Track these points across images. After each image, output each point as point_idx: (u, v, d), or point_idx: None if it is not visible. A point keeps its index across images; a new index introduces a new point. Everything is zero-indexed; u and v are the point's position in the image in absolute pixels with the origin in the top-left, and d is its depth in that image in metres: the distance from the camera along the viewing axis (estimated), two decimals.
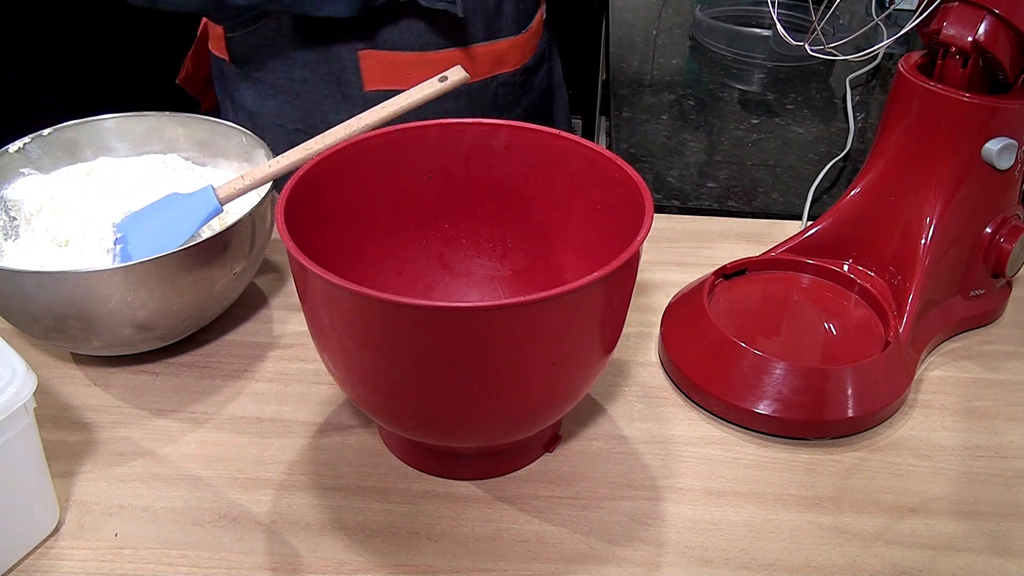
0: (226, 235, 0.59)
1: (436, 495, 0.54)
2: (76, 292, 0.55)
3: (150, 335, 0.60)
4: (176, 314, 0.59)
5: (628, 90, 1.12)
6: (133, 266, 0.55)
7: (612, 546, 0.51)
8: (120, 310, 0.56)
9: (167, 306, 0.58)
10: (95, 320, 0.56)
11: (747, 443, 0.58)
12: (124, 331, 0.58)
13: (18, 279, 0.55)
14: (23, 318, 0.58)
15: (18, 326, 0.59)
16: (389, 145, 0.57)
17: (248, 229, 0.61)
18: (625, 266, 0.45)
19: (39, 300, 0.55)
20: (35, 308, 0.56)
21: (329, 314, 0.46)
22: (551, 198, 0.59)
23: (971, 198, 0.62)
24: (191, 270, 0.58)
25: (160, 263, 0.56)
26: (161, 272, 0.56)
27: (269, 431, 0.58)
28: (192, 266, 0.57)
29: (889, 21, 1.21)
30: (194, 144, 0.72)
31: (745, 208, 0.87)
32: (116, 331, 0.58)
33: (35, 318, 0.57)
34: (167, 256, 0.56)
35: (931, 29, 0.59)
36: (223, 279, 0.61)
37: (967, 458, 0.57)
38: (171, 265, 0.56)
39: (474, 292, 0.63)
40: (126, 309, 0.56)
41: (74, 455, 0.56)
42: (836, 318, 0.64)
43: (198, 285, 0.59)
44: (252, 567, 0.49)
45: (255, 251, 0.63)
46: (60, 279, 0.54)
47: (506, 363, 0.45)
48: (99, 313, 0.56)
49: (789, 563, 0.50)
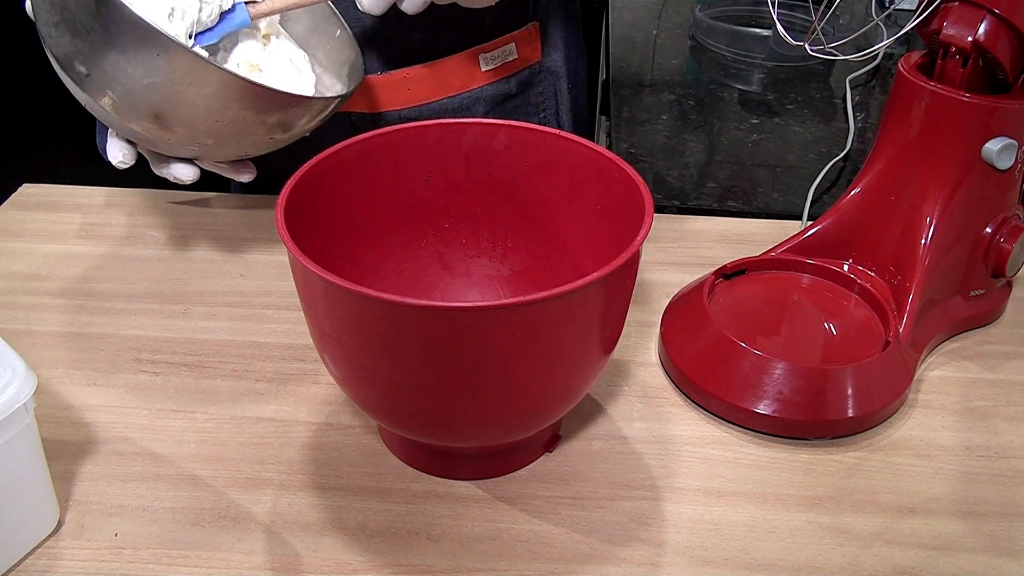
0: (295, 100, 0.61)
1: (436, 495, 0.54)
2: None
3: (160, 134, 0.61)
4: (200, 129, 0.61)
5: (628, 90, 1.12)
6: (207, 64, 0.57)
7: (612, 546, 0.51)
8: (167, 89, 0.58)
9: (201, 117, 0.59)
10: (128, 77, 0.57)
11: (747, 443, 0.58)
12: (142, 114, 0.59)
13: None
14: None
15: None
16: (389, 145, 0.57)
17: (314, 109, 0.63)
18: (625, 266, 0.45)
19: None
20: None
21: (329, 314, 0.46)
22: (551, 198, 0.59)
23: (971, 198, 0.62)
24: (248, 106, 0.59)
25: (239, 83, 0.58)
26: (229, 87, 0.58)
27: (269, 431, 0.58)
28: (251, 103, 0.59)
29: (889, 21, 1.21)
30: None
31: (745, 208, 0.87)
32: (139, 108, 0.59)
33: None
34: (249, 83, 0.58)
35: (931, 29, 0.59)
36: (260, 133, 0.63)
37: (967, 458, 0.57)
38: (243, 91, 0.58)
39: (474, 292, 0.63)
40: (168, 92, 0.58)
41: (74, 455, 0.56)
42: (836, 318, 0.64)
43: (239, 123, 0.61)
44: (252, 567, 0.49)
45: (296, 130, 0.65)
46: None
47: (506, 363, 0.45)
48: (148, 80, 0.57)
49: (789, 563, 0.50)
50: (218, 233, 0.78)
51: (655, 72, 1.19)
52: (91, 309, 0.69)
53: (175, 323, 0.67)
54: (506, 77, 0.84)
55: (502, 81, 0.84)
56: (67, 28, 0.57)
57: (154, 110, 0.59)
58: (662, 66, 1.21)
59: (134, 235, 0.78)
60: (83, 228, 0.79)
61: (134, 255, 0.75)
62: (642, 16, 1.38)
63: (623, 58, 1.22)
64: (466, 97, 0.82)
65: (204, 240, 0.77)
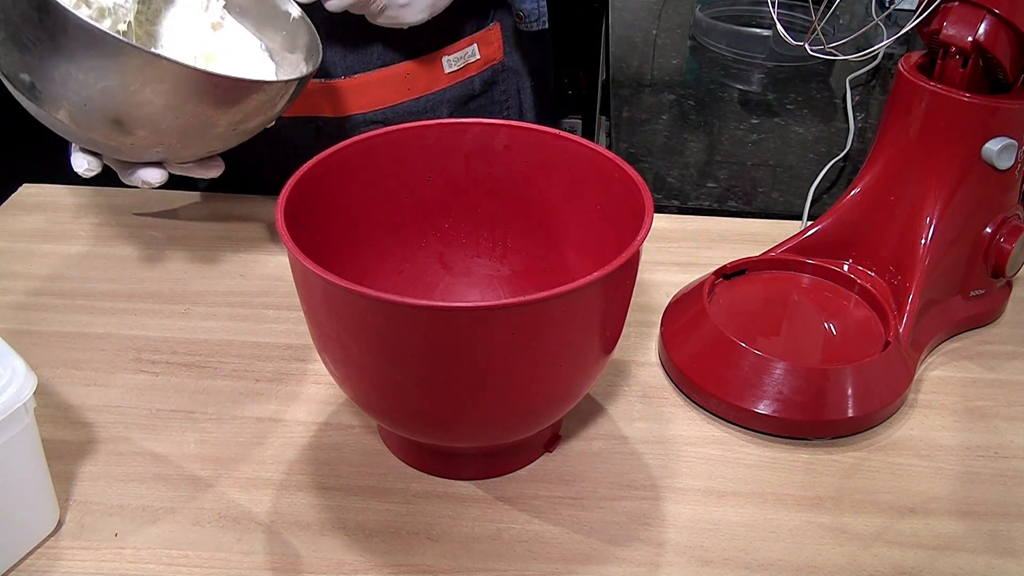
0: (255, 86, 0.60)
1: (436, 495, 0.54)
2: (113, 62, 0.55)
3: (122, 139, 0.60)
4: (162, 128, 0.59)
5: (628, 90, 1.12)
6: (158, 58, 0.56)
7: (612, 546, 0.51)
8: (121, 93, 0.56)
9: (161, 115, 0.58)
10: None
11: (747, 443, 0.58)
12: (101, 122, 0.58)
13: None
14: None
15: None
16: (389, 145, 0.57)
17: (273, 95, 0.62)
18: (625, 266, 0.45)
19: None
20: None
21: (329, 314, 0.46)
22: (551, 198, 0.59)
23: (971, 198, 0.62)
24: (207, 97, 0.58)
25: (195, 75, 0.56)
26: (186, 79, 0.57)
27: (269, 431, 0.58)
28: (210, 94, 0.58)
29: (889, 21, 1.21)
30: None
31: (745, 208, 0.87)
32: (97, 115, 0.58)
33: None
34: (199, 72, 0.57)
35: (931, 29, 0.59)
36: (222, 125, 0.61)
37: (967, 458, 0.57)
38: (199, 82, 0.57)
39: (474, 292, 0.63)
40: (126, 95, 0.56)
41: (74, 455, 0.56)
42: (836, 318, 0.64)
43: (201, 116, 0.59)
44: (252, 567, 0.49)
45: (260, 118, 0.64)
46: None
47: (506, 363, 0.45)
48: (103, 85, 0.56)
49: (789, 563, 0.50)
50: (218, 233, 0.78)
51: (655, 72, 1.19)
52: (91, 309, 0.69)
53: (175, 323, 0.67)
54: (469, 78, 0.85)
55: (465, 82, 0.85)
56: (13, 44, 0.56)
57: (113, 115, 0.58)
58: (662, 66, 1.21)
59: (134, 235, 0.78)
60: (83, 228, 0.79)
61: (134, 255, 0.75)
62: (642, 16, 1.38)
63: (623, 58, 1.22)
64: (431, 99, 0.83)
65: (204, 240, 0.77)
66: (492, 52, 0.87)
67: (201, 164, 0.67)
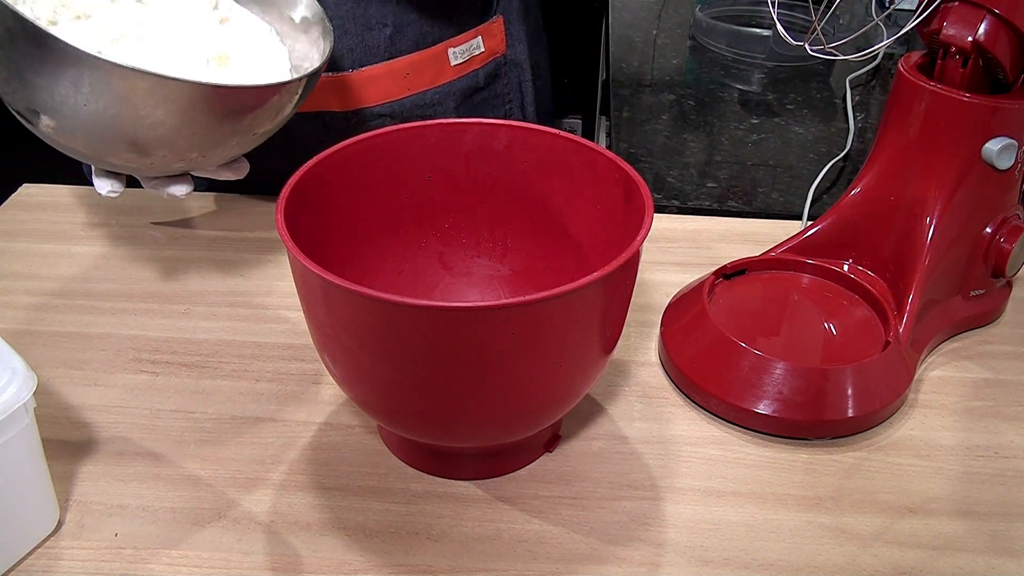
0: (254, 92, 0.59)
1: (436, 495, 0.54)
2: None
3: (142, 161, 0.59)
4: (181, 146, 0.59)
5: (628, 90, 1.12)
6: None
7: (612, 546, 0.51)
8: (137, 108, 0.55)
9: (177, 134, 0.58)
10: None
11: (747, 443, 0.58)
12: (119, 147, 0.58)
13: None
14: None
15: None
16: (389, 145, 0.57)
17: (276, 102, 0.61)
18: (625, 266, 0.45)
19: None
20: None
21: (329, 314, 0.46)
22: (551, 198, 0.59)
23: (971, 198, 0.62)
24: (224, 110, 0.58)
25: (207, 91, 0.56)
26: (199, 96, 0.56)
27: (269, 431, 0.58)
28: (226, 106, 0.58)
29: (889, 21, 1.21)
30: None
31: (745, 208, 0.87)
32: (113, 142, 0.57)
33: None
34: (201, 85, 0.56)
35: (931, 29, 0.59)
36: (243, 132, 0.61)
37: (967, 458, 0.57)
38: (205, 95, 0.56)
39: (474, 292, 0.63)
40: (144, 109, 0.56)
41: (74, 455, 0.56)
42: (836, 318, 0.64)
43: (220, 128, 0.59)
44: (252, 567, 0.49)
45: (280, 117, 0.63)
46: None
47: (506, 363, 0.45)
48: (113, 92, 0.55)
49: (789, 563, 0.50)
50: (218, 233, 0.78)
51: (655, 72, 1.19)
52: (91, 309, 0.69)
53: (175, 323, 0.67)
54: (474, 71, 0.86)
55: (470, 75, 0.86)
56: (18, 80, 0.56)
57: (129, 140, 0.57)
58: (662, 66, 1.21)
59: (134, 235, 0.78)
60: (83, 228, 0.79)
61: (134, 255, 0.75)
62: (642, 16, 1.38)
63: (623, 58, 1.22)
64: (438, 92, 0.84)
65: (204, 240, 0.77)
66: (496, 44, 0.87)
67: (227, 167, 0.68)
